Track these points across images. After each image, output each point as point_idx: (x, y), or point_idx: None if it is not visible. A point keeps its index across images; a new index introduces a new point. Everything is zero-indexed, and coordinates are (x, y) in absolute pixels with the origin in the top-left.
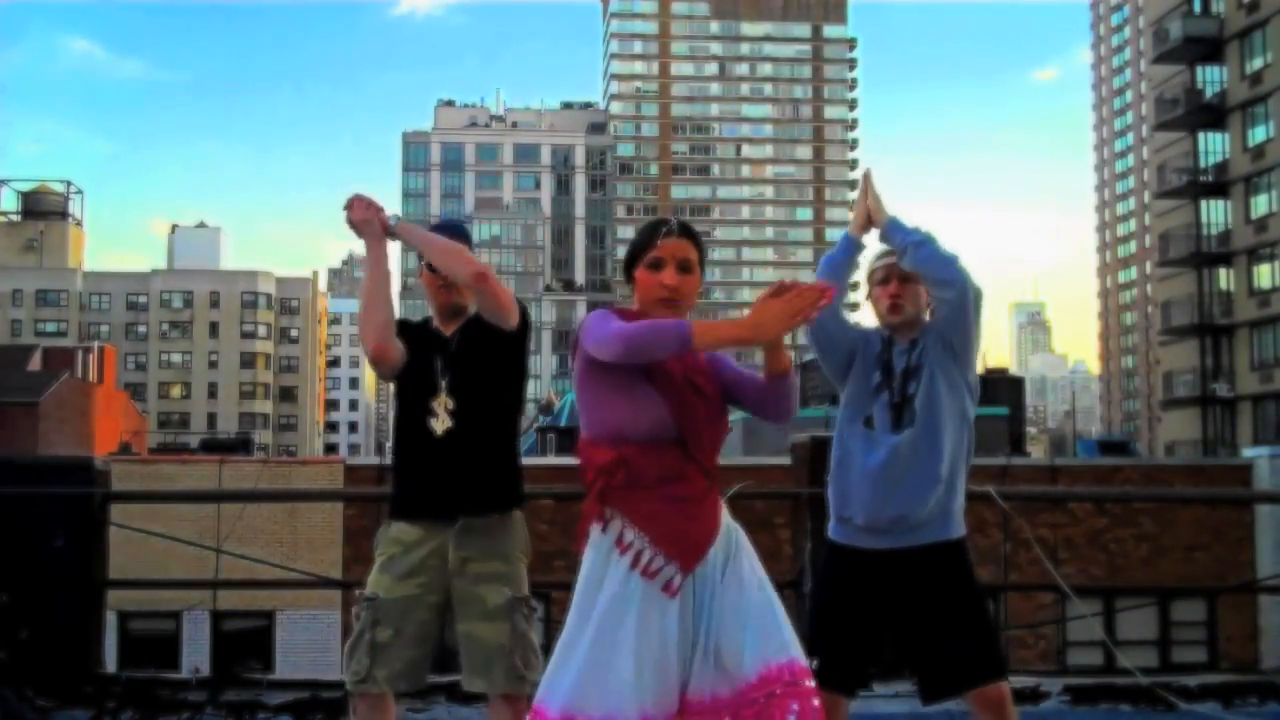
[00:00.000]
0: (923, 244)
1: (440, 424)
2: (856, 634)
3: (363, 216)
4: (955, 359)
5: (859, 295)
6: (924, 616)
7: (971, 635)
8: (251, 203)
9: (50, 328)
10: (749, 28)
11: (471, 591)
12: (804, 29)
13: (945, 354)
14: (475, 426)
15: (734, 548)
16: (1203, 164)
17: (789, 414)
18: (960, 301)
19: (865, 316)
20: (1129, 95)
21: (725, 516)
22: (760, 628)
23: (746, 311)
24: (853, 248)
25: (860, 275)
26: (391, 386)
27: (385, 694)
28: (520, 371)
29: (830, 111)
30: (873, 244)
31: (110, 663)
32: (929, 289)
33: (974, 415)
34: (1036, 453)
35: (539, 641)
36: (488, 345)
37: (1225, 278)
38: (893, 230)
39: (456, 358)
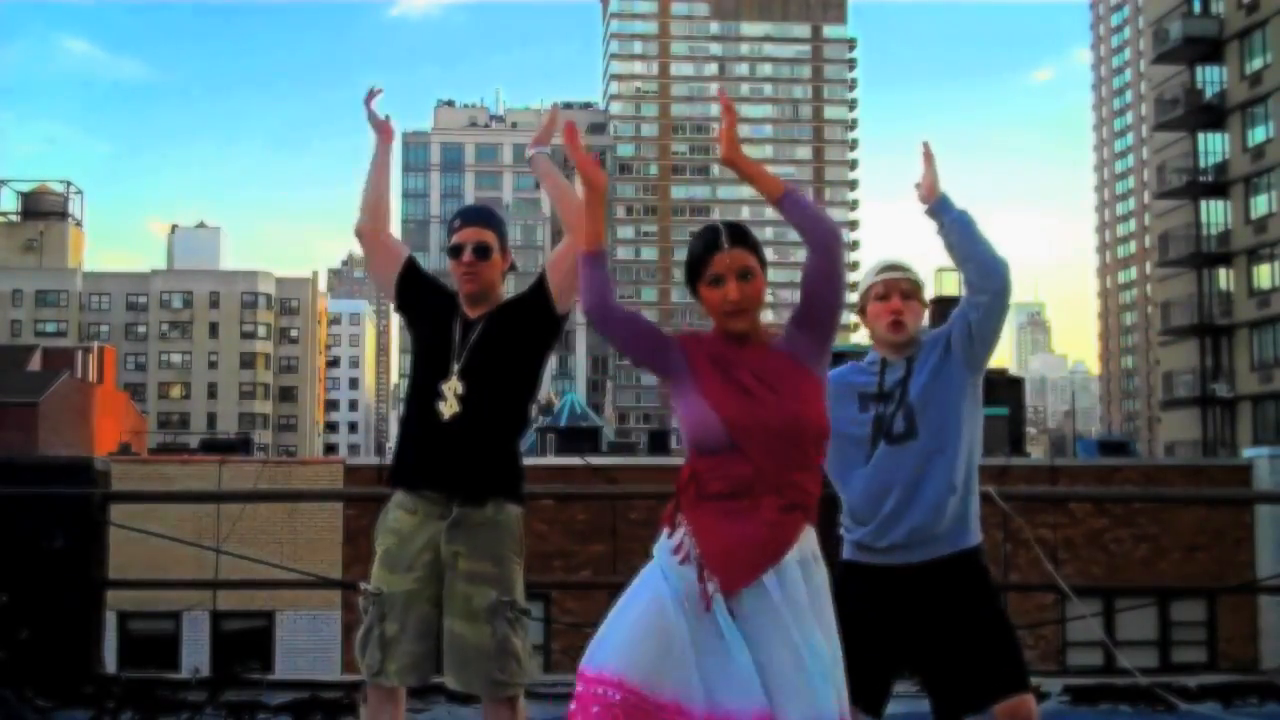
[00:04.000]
0: (971, 222)
1: (448, 408)
2: (880, 652)
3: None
4: (969, 364)
5: (852, 316)
6: (947, 630)
7: (995, 646)
8: (251, 203)
9: (50, 328)
10: (749, 28)
11: (459, 588)
12: (804, 29)
13: (959, 357)
14: (481, 415)
15: (797, 580)
16: (1203, 164)
17: (825, 230)
18: (997, 305)
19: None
20: (1129, 95)
21: (804, 547)
22: (788, 688)
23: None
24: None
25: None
26: (395, 366)
27: (397, 687)
28: (535, 370)
29: (830, 111)
30: (870, 259)
31: (110, 663)
32: (964, 284)
33: (982, 417)
34: (1036, 453)
35: (528, 643)
36: (510, 337)
37: (1225, 278)
38: (944, 205)
39: (476, 344)
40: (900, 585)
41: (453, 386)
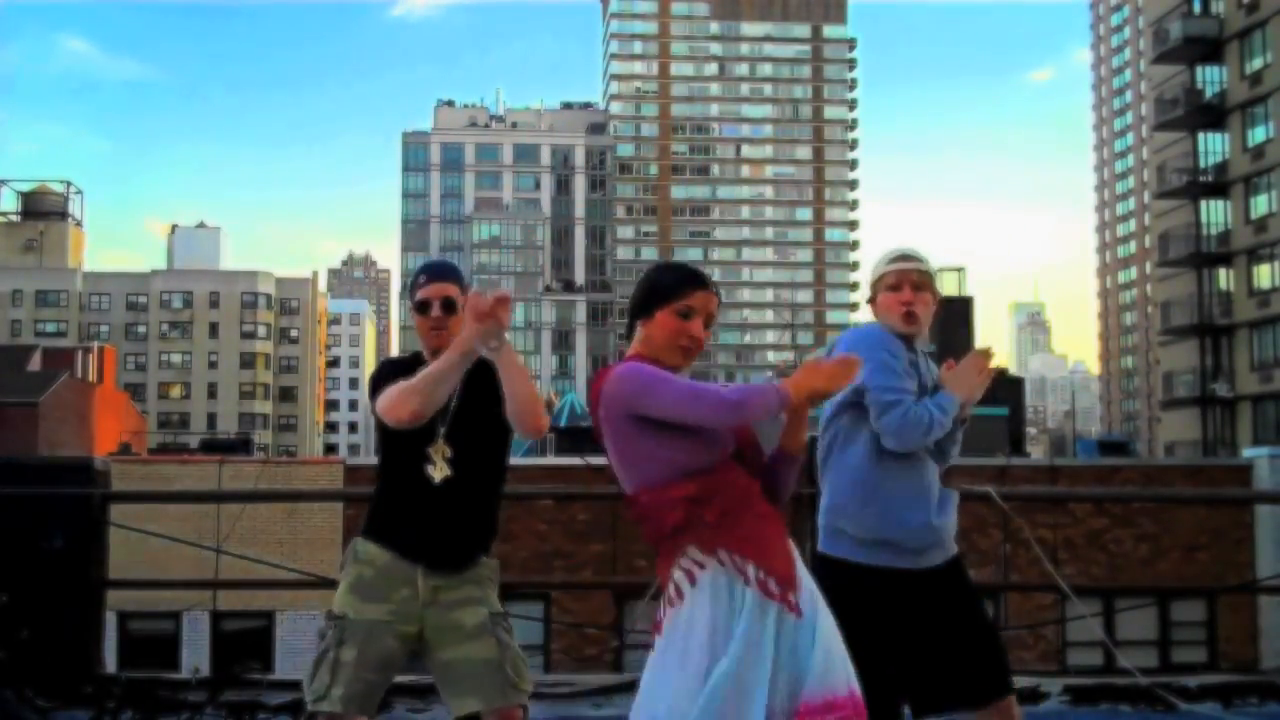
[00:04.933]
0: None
1: (439, 472)
2: (888, 658)
3: (489, 314)
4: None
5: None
6: (938, 632)
7: (984, 649)
8: (251, 203)
9: (50, 328)
10: (749, 28)
11: (447, 619)
12: (804, 29)
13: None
14: (472, 476)
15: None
16: (1202, 164)
17: (786, 497)
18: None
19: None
20: (1129, 95)
21: None
22: (828, 655)
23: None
24: (957, 416)
25: (863, 276)
26: (377, 429)
27: (341, 714)
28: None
29: (830, 111)
30: (881, 246)
31: (110, 663)
32: (878, 418)
33: None
34: (1036, 453)
35: (519, 644)
36: (487, 398)
37: (1225, 278)
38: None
39: (460, 407)
40: (911, 588)
41: (440, 450)
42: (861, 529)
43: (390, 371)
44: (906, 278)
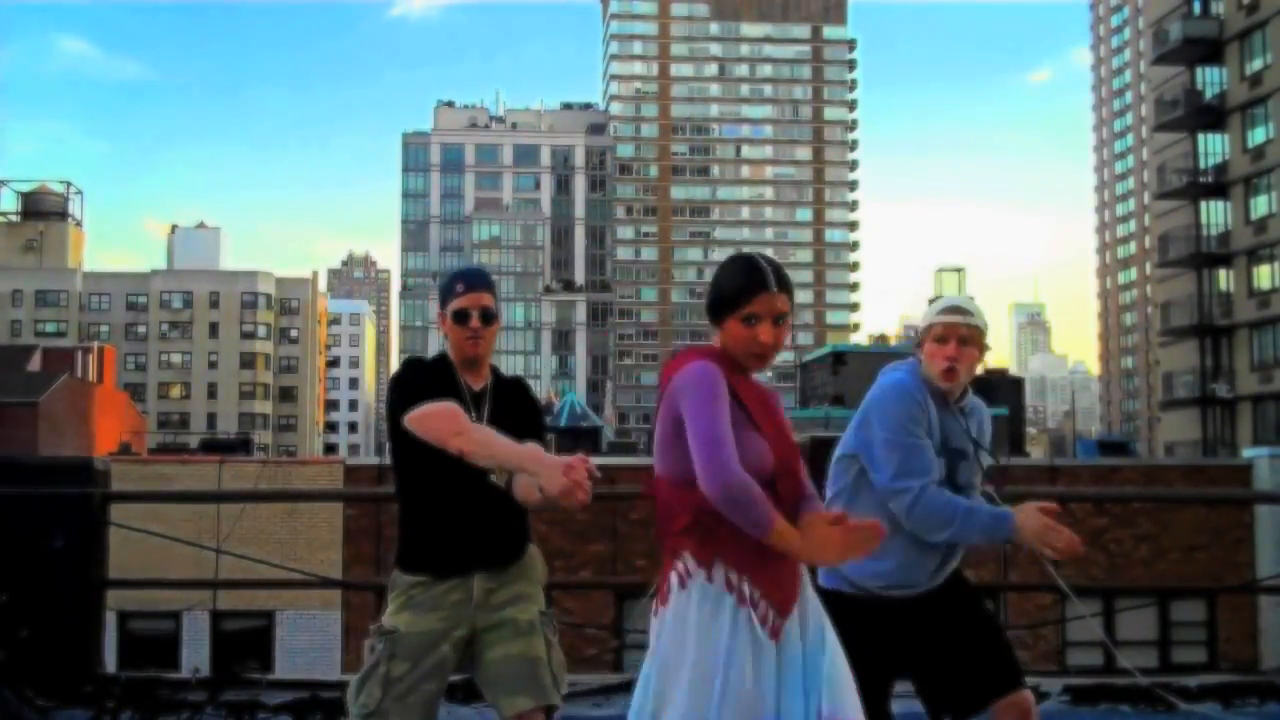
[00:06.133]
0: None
1: (500, 475)
2: (888, 667)
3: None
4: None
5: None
6: (941, 634)
7: (989, 646)
8: (251, 203)
9: (50, 328)
10: (749, 28)
11: (500, 617)
12: (804, 29)
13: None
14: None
15: (809, 594)
16: (1202, 165)
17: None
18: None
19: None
20: (1129, 96)
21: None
22: (834, 683)
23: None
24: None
25: (919, 320)
26: (396, 438)
27: None
28: None
29: (830, 112)
30: (869, 260)
31: (110, 663)
32: (892, 495)
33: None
34: (1036, 453)
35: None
36: (520, 406)
37: (1225, 278)
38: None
39: (491, 415)
40: (916, 609)
41: None
42: (864, 579)
43: (419, 377)
44: (954, 331)
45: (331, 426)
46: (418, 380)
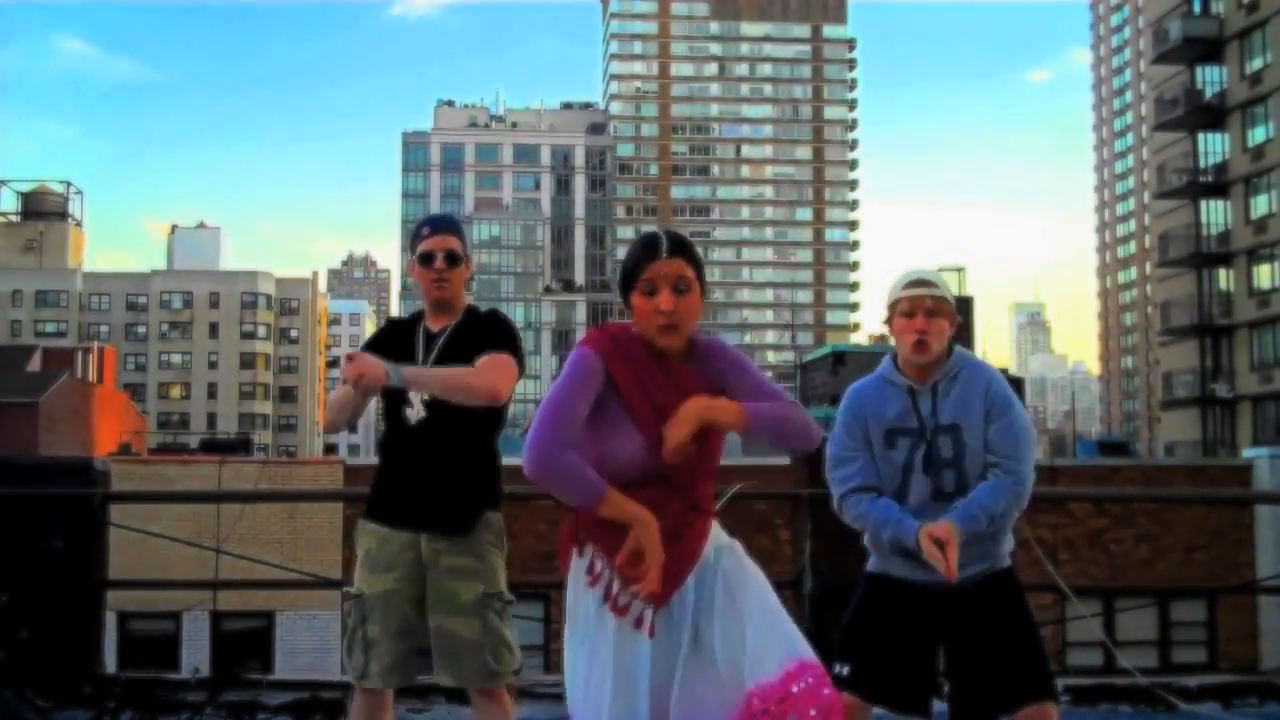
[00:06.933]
0: (976, 518)
1: (415, 412)
2: (907, 652)
3: (358, 373)
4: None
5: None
6: (976, 635)
7: (1022, 653)
8: (251, 203)
9: (50, 328)
10: (749, 28)
11: (444, 585)
12: (804, 29)
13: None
14: (450, 416)
15: (721, 568)
16: (1202, 164)
17: (794, 441)
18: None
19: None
20: (1129, 95)
21: (715, 539)
22: (762, 637)
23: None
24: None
25: (882, 298)
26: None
27: (383, 690)
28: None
29: (830, 112)
30: (897, 270)
31: (110, 663)
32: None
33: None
34: (1036, 453)
35: (514, 633)
36: (475, 340)
37: (1225, 278)
38: (964, 532)
39: (442, 348)
40: (935, 598)
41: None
42: (892, 567)
43: (375, 336)
44: (920, 304)
45: None
46: (372, 338)
